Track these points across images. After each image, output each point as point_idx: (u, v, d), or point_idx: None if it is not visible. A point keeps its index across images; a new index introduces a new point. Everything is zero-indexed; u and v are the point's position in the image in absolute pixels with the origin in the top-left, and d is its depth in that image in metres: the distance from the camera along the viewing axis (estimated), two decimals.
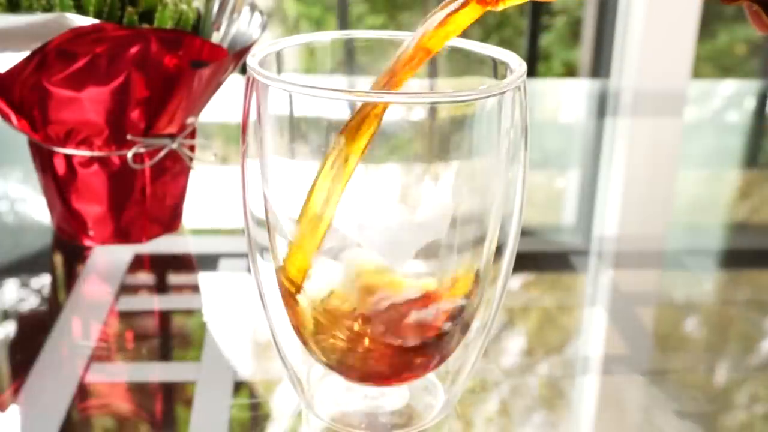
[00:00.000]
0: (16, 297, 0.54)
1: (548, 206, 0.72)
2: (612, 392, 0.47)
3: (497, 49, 0.39)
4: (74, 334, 0.50)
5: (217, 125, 0.86)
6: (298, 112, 0.35)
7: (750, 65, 2.32)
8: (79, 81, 0.51)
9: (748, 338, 0.53)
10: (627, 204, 0.73)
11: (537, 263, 0.61)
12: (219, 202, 0.68)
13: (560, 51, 2.22)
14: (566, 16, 2.24)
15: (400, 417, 0.42)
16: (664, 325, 0.54)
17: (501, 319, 0.53)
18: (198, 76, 0.54)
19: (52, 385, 0.45)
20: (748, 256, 0.65)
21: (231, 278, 0.57)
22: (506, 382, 0.47)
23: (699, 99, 1.04)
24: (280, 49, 0.40)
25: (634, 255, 0.63)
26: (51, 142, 0.56)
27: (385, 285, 0.36)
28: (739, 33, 2.29)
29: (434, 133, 0.36)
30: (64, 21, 0.49)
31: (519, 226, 0.41)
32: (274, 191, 0.38)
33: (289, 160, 0.37)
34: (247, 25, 0.58)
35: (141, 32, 0.50)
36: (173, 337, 0.51)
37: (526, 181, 0.40)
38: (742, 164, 0.86)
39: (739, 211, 0.75)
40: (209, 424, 0.43)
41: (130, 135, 0.55)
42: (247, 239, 0.41)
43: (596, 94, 1.03)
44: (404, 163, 0.36)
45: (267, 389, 0.47)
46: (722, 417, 0.45)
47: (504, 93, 0.36)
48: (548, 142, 0.86)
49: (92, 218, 0.58)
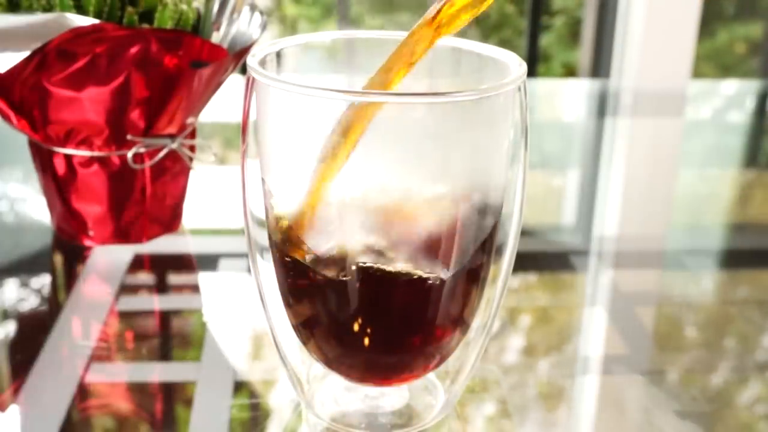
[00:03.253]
0: (16, 297, 0.54)
1: (548, 206, 0.72)
2: (612, 392, 0.47)
3: (497, 49, 0.39)
4: (74, 334, 0.50)
5: (217, 125, 0.86)
6: (298, 112, 0.35)
7: (749, 64, 2.32)
8: (79, 81, 0.51)
9: (748, 338, 0.53)
10: (627, 204, 0.73)
11: (537, 263, 0.61)
12: (219, 202, 0.68)
13: (560, 51, 2.22)
14: (566, 17, 2.24)
15: (400, 417, 0.42)
16: (664, 325, 0.54)
17: (501, 319, 0.53)
18: (198, 76, 0.54)
19: (52, 385, 0.45)
20: (748, 256, 0.65)
21: (231, 278, 0.57)
22: (506, 382, 0.47)
23: (699, 99, 1.04)
24: (280, 49, 0.40)
25: (634, 255, 0.63)
26: (51, 142, 0.56)
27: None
28: (738, 32, 2.29)
29: (434, 134, 0.35)
30: (64, 21, 0.49)
31: (519, 226, 0.41)
32: (274, 191, 0.38)
33: (289, 160, 0.37)
34: (247, 25, 0.58)
35: (141, 32, 0.50)
36: (173, 337, 0.51)
37: (526, 181, 0.40)
38: (742, 164, 0.86)
39: (739, 211, 0.75)
40: (209, 424, 0.43)
41: (130, 135, 0.55)
42: (247, 239, 0.41)
43: (596, 94, 1.03)
44: (404, 162, 0.36)
45: (267, 389, 0.47)
46: (722, 417, 0.45)
47: (504, 93, 0.36)
48: (548, 142, 0.86)
49: (92, 218, 0.58)
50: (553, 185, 0.78)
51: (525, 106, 0.38)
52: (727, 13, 2.32)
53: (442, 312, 0.38)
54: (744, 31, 2.30)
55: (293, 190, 0.37)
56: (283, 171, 0.37)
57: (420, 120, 0.35)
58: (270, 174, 0.38)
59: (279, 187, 0.38)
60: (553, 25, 2.24)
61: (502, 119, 0.37)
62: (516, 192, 0.40)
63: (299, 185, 0.36)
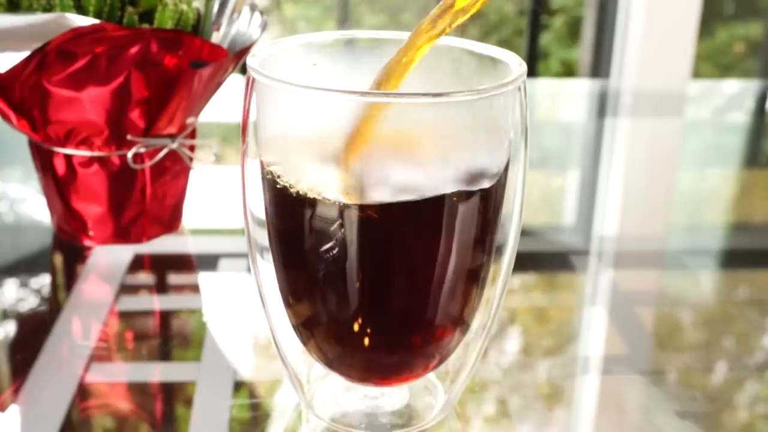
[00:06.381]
0: (16, 297, 0.54)
1: (548, 206, 0.72)
2: (612, 392, 0.47)
3: (497, 49, 0.39)
4: (74, 334, 0.50)
5: (217, 125, 0.86)
6: (298, 112, 0.35)
7: (749, 63, 2.32)
8: (79, 81, 0.51)
9: (748, 338, 0.53)
10: (627, 204, 0.73)
11: (537, 263, 0.61)
12: (219, 202, 0.68)
13: (559, 50, 2.22)
14: (566, 16, 2.24)
15: (400, 417, 0.42)
16: (664, 325, 0.54)
17: (501, 319, 0.53)
18: (198, 76, 0.54)
19: (52, 385, 0.45)
20: (748, 256, 0.65)
21: (231, 278, 0.57)
22: (506, 382, 0.47)
23: (699, 99, 1.04)
24: (280, 49, 0.40)
25: (634, 255, 0.63)
26: (51, 142, 0.56)
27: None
28: (738, 31, 2.29)
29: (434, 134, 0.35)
30: (64, 21, 0.49)
31: (519, 226, 0.41)
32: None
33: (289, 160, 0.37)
34: (247, 25, 0.58)
35: (141, 32, 0.50)
36: (173, 337, 0.51)
37: (526, 181, 0.40)
38: (742, 164, 0.86)
39: (739, 211, 0.75)
40: (209, 424, 0.43)
41: (130, 135, 0.55)
42: (247, 239, 0.41)
43: (596, 94, 1.03)
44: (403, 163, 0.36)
45: (267, 389, 0.47)
46: (722, 417, 0.45)
47: (504, 93, 0.36)
48: (548, 142, 0.86)
49: (92, 218, 0.58)
50: (553, 185, 0.78)
51: (525, 106, 0.38)
52: (727, 12, 2.32)
53: (442, 311, 0.38)
54: (743, 31, 2.30)
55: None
56: (282, 170, 0.37)
57: (420, 120, 0.35)
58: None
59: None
60: (553, 25, 2.24)
61: (502, 119, 0.37)
62: (516, 192, 0.40)
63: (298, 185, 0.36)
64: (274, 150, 0.37)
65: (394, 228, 0.36)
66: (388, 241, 0.36)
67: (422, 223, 0.36)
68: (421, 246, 0.36)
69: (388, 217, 0.35)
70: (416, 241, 0.36)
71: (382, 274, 0.37)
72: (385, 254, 0.36)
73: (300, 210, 0.36)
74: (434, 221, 0.36)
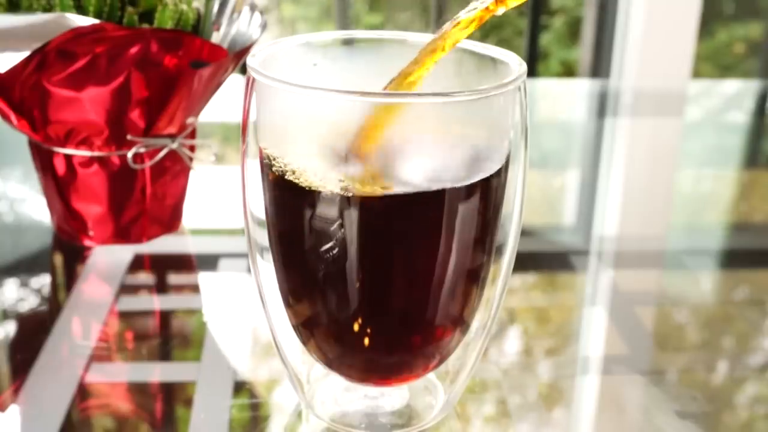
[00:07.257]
0: (16, 297, 0.54)
1: (548, 206, 0.72)
2: (612, 392, 0.47)
3: (497, 49, 0.39)
4: (74, 334, 0.50)
5: (217, 125, 0.86)
6: (298, 112, 0.35)
7: (749, 64, 2.32)
8: (79, 81, 0.51)
9: (748, 338, 0.53)
10: (627, 204, 0.73)
11: (537, 263, 0.61)
12: (219, 202, 0.68)
13: (559, 50, 2.22)
14: (566, 16, 2.24)
15: (400, 417, 0.42)
16: (664, 325, 0.54)
17: (501, 319, 0.53)
18: (198, 76, 0.54)
19: (52, 385, 0.45)
20: (748, 256, 0.65)
21: (231, 278, 0.57)
22: (506, 382, 0.47)
23: (699, 98, 1.04)
24: (280, 49, 0.40)
25: (634, 255, 0.63)
26: (51, 142, 0.56)
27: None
28: (737, 31, 2.29)
29: (434, 133, 0.35)
30: (64, 21, 0.49)
31: (519, 226, 0.41)
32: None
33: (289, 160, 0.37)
34: (247, 25, 0.58)
35: (141, 32, 0.50)
36: (173, 337, 0.51)
37: (526, 181, 0.40)
38: (742, 164, 0.86)
39: (739, 211, 0.75)
40: (209, 424, 0.43)
41: (130, 135, 0.55)
42: (247, 239, 0.41)
43: (596, 94, 1.03)
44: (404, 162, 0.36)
45: (267, 389, 0.47)
46: (722, 417, 0.45)
47: (504, 93, 0.36)
48: (548, 142, 0.86)
49: (92, 218, 0.58)
50: (553, 185, 0.78)
51: (525, 106, 0.38)
52: (727, 13, 2.32)
53: (442, 311, 0.38)
54: (743, 31, 2.30)
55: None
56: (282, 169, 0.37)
57: (420, 119, 0.35)
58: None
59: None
60: (553, 25, 2.24)
61: (502, 119, 0.37)
62: (516, 192, 0.40)
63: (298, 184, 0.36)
64: (274, 150, 0.37)
65: (393, 227, 0.36)
66: (388, 241, 0.36)
67: (422, 221, 0.36)
68: (421, 245, 0.37)
69: (388, 213, 0.35)
70: (416, 241, 0.36)
71: (382, 273, 0.37)
72: (385, 254, 0.36)
73: (300, 208, 0.36)
74: (434, 220, 0.36)
